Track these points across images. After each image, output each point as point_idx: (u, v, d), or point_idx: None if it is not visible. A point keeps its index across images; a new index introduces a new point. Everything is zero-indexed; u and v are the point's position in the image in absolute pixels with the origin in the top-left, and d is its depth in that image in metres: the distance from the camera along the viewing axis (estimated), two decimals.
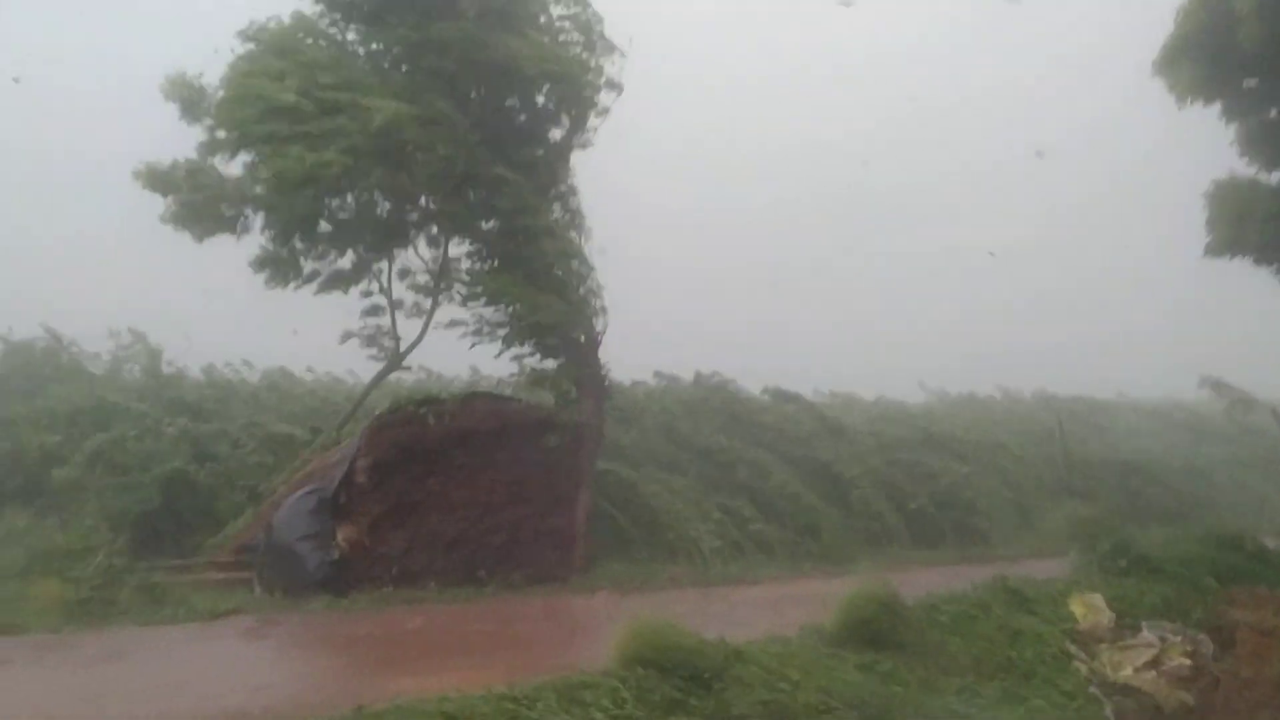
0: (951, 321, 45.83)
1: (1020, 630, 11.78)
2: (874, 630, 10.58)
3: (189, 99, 16.59)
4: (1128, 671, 11.10)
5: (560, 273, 16.21)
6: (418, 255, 18.12)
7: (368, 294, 18.19)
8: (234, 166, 16.74)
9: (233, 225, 16.84)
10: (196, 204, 16.67)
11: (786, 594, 14.47)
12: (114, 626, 12.21)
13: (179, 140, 16.77)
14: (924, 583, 12.90)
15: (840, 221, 49.30)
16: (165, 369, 19.65)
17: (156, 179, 16.61)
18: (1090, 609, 12.43)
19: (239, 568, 15.16)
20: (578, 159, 17.14)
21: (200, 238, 16.91)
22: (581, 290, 16.46)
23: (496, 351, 16.96)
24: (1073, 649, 11.52)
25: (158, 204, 16.90)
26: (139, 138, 17.65)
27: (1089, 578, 14.19)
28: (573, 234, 16.66)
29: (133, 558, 14.61)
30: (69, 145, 35.94)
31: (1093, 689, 10.73)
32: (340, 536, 14.62)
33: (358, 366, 21.58)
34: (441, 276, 17.96)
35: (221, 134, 15.70)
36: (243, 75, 15.11)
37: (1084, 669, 11.14)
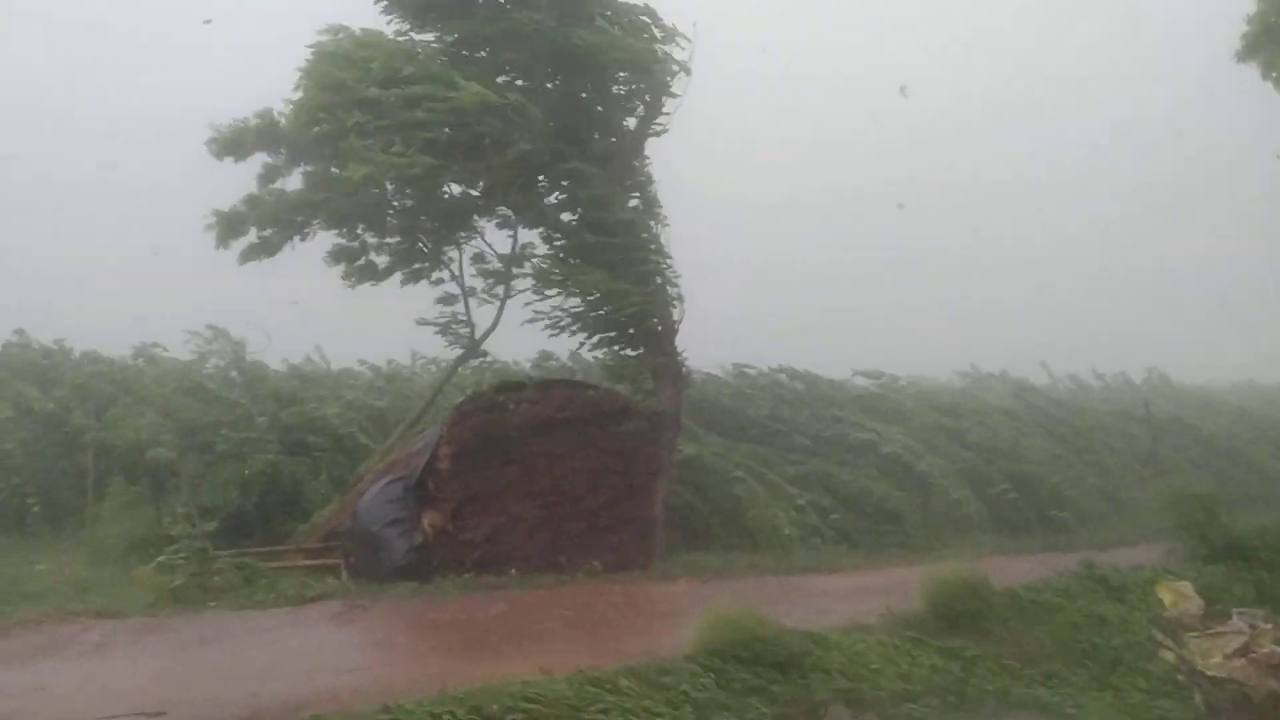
0: (1029, 304, 44.94)
1: (1106, 618, 11.63)
2: (958, 616, 10.53)
3: (234, 142, 17.14)
4: (1216, 659, 10.87)
5: (637, 262, 16.25)
6: (485, 243, 18.36)
7: (439, 282, 18.46)
8: (294, 180, 17.46)
9: (299, 230, 17.34)
10: (269, 239, 17.25)
11: (866, 582, 14.38)
12: (208, 611, 12.57)
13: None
14: (1008, 570, 12.78)
15: (911, 209, 48.43)
16: (249, 362, 20.09)
17: (226, 221, 17.20)
18: (1178, 596, 12.20)
19: (326, 554, 15.53)
20: (652, 147, 17.15)
21: (272, 253, 17.52)
22: (658, 279, 16.49)
23: (576, 342, 17.14)
24: (1160, 637, 11.33)
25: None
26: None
27: (1177, 564, 13.93)
28: (650, 223, 16.69)
29: (225, 544, 15.08)
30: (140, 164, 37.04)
31: (1180, 677, 10.55)
32: (425, 522, 14.88)
33: (432, 353, 21.86)
34: (514, 263, 18.13)
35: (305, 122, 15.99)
36: (323, 70, 15.35)
37: (1171, 657, 10.95)
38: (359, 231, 17.79)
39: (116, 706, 8.47)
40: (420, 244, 18.02)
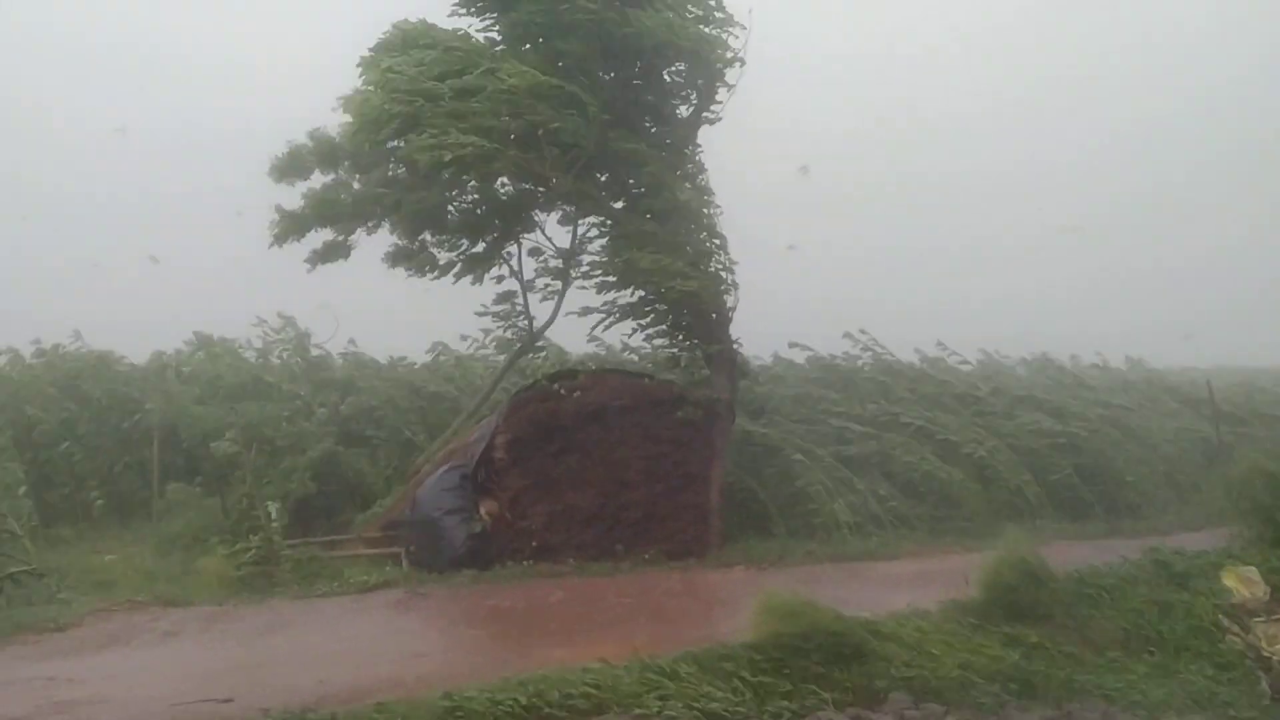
0: (1080, 291, 44.20)
1: (1171, 604, 11.46)
2: (1019, 602, 10.43)
3: (294, 165, 17.43)
4: None
5: (691, 248, 16.24)
6: (545, 236, 18.43)
7: (500, 279, 18.59)
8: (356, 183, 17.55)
9: (364, 223, 17.54)
10: (338, 242, 17.47)
11: (925, 569, 14.29)
12: (273, 599, 12.82)
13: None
14: (1069, 556, 12.64)
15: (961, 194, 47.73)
16: (312, 352, 20.34)
17: (290, 223, 17.43)
18: (1244, 582, 11.99)
19: (387, 543, 15.74)
20: (706, 135, 17.11)
21: (346, 255, 17.76)
22: (712, 265, 16.46)
23: (629, 331, 17.16)
24: (1226, 623, 11.16)
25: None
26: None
27: (1243, 549, 13.69)
28: (703, 210, 16.66)
29: (288, 534, 15.34)
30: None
31: (1248, 662, 10.40)
32: (483, 511, 15.03)
33: (493, 347, 21.98)
34: (572, 256, 18.21)
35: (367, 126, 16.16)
36: (383, 66, 15.50)
37: (1238, 643, 10.79)
38: (422, 236, 17.92)
39: (187, 693, 8.63)
40: (481, 240, 18.13)
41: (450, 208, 17.67)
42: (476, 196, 17.66)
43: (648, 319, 16.76)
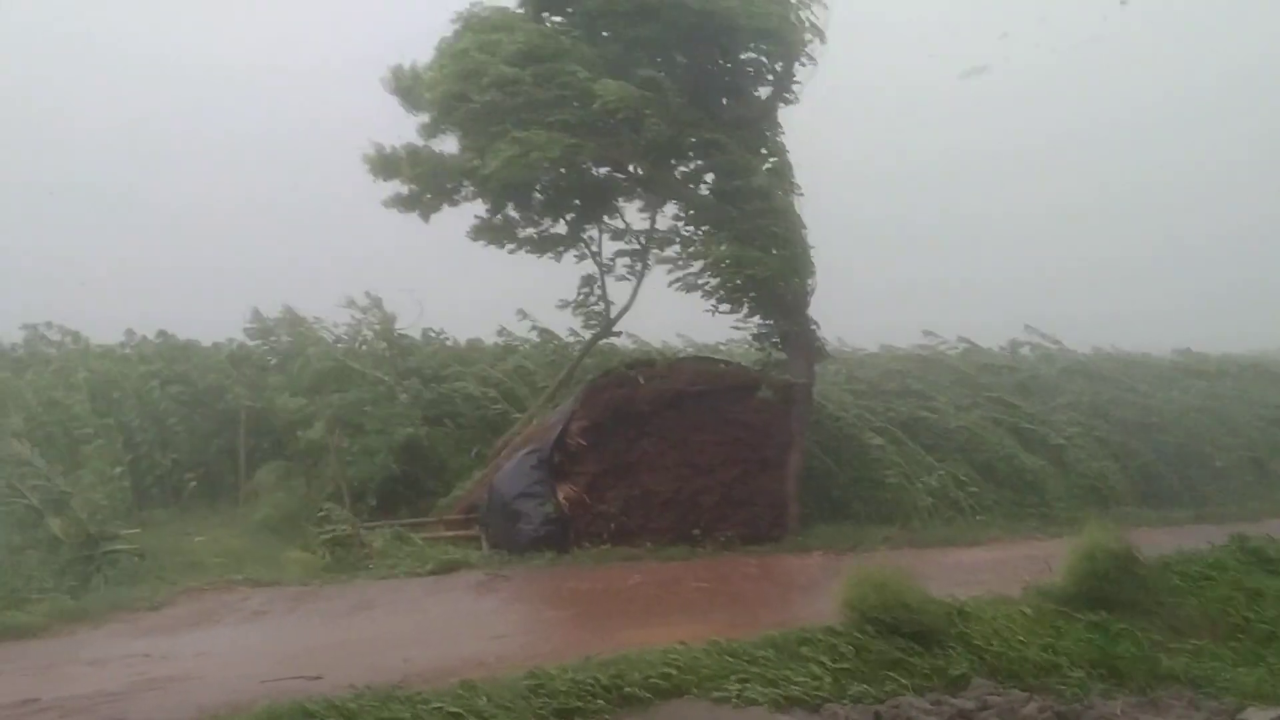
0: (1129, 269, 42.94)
1: (1260, 590, 11.23)
2: (1105, 589, 10.29)
3: (409, 89, 17.31)
4: None
5: (770, 231, 16.14)
6: (624, 221, 18.45)
7: (581, 258, 18.66)
8: (449, 144, 17.52)
9: (451, 197, 17.58)
10: (418, 191, 17.55)
11: (1007, 555, 14.14)
12: (358, 580, 13.07)
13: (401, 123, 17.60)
14: (1153, 542, 12.41)
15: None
16: (397, 335, 20.59)
17: (381, 163, 17.48)
18: None
19: (467, 526, 15.96)
20: (785, 115, 17.02)
21: (425, 217, 17.77)
22: (791, 247, 16.36)
23: (707, 311, 17.09)
24: None
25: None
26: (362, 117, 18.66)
27: None
28: (780, 191, 16.56)
29: (373, 516, 15.64)
30: (297, 127, 38.33)
31: None
32: (560, 495, 15.16)
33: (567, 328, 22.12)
34: (651, 241, 18.23)
35: (436, 112, 16.29)
36: (458, 50, 15.64)
37: None
38: (508, 210, 18.03)
39: (277, 670, 8.85)
40: (562, 218, 18.22)
41: (536, 189, 17.69)
42: (558, 183, 17.69)
43: (725, 299, 16.69)
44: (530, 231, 18.18)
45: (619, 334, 20.35)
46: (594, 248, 18.65)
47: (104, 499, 14.67)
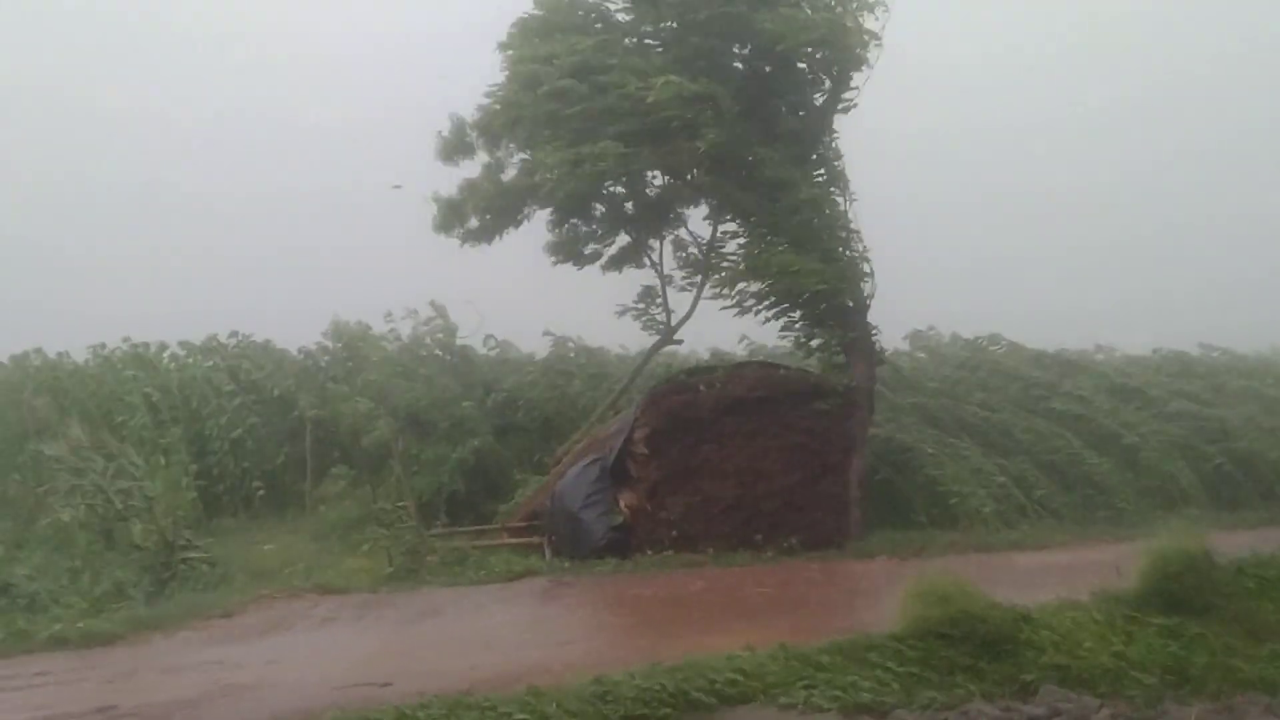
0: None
1: None
2: (1178, 592, 10.09)
3: (455, 146, 17.75)
4: None
5: (824, 239, 16.13)
6: (689, 233, 18.53)
7: (641, 269, 18.79)
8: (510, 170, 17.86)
9: (514, 218, 17.86)
10: (489, 222, 17.84)
11: (1075, 560, 13.97)
12: (424, 587, 13.23)
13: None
14: (1226, 545, 12.15)
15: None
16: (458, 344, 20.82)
17: (447, 211, 17.87)
18: None
19: (530, 533, 16.09)
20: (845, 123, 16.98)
21: (492, 241, 18.09)
22: (847, 254, 16.32)
23: (763, 321, 17.13)
24: None
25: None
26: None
27: None
28: (837, 199, 16.52)
29: (437, 523, 15.80)
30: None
31: None
32: (622, 503, 15.23)
33: (631, 339, 22.17)
34: (711, 252, 18.27)
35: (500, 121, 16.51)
36: (515, 61, 15.82)
37: None
38: (572, 221, 18.20)
39: (347, 677, 9.00)
40: (626, 232, 18.33)
41: (598, 201, 17.84)
42: (624, 189, 17.82)
43: (782, 309, 16.69)
44: (595, 247, 18.34)
45: (680, 342, 20.43)
46: (655, 258, 18.74)
47: (178, 506, 14.96)
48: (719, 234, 18.23)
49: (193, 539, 14.32)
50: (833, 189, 16.57)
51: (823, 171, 16.69)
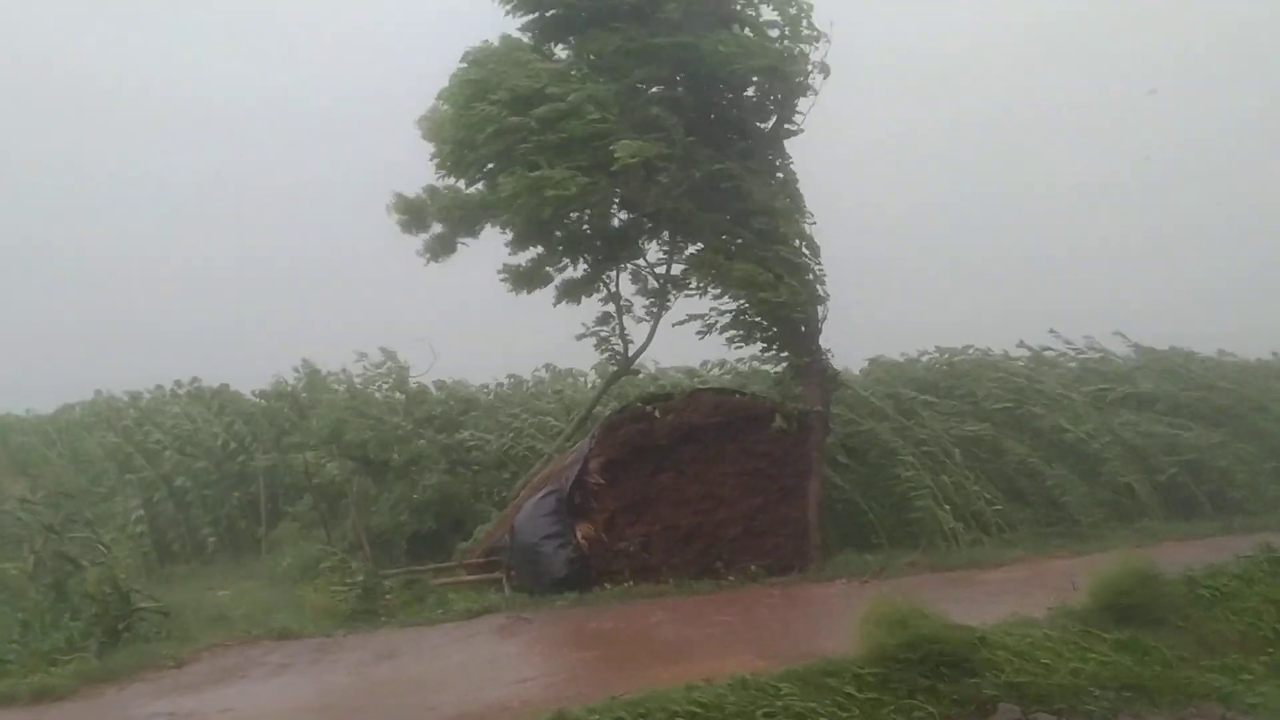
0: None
1: None
2: (1130, 607, 10.20)
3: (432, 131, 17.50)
4: None
5: (782, 258, 16.14)
6: (645, 261, 18.53)
7: (603, 301, 18.74)
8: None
9: (472, 227, 17.74)
10: (446, 233, 17.73)
11: (1032, 575, 14.06)
12: (381, 629, 13.09)
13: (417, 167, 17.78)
14: (1180, 557, 12.35)
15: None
16: (412, 385, 20.67)
17: (408, 210, 17.70)
18: None
19: (489, 569, 15.95)
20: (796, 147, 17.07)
21: (454, 250, 17.97)
22: (805, 275, 16.37)
23: (723, 344, 17.12)
24: None
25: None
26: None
27: None
28: (795, 219, 16.57)
29: (398, 563, 15.65)
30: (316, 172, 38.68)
31: None
32: (579, 534, 15.15)
33: (586, 362, 22.12)
34: (670, 281, 18.28)
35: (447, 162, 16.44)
36: (465, 101, 15.76)
37: None
38: (532, 250, 18.14)
39: None
40: (584, 262, 18.32)
41: (558, 229, 17.79)
42: (578, 225, 17.79)
43: (739, 332, 16.72)
44: (556, 279, 18.31)
45: (637, 373, 20.40)
46: (612, 288, 18.74)
47: (130, 555, 14.74)
48: (677, 258, 18.21)
49: (145, 588, 14.07)
50: (791, 208, 16.60)
51: (782, 193, 16.72)
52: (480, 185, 16.77)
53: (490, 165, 15.86)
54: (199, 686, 10.95)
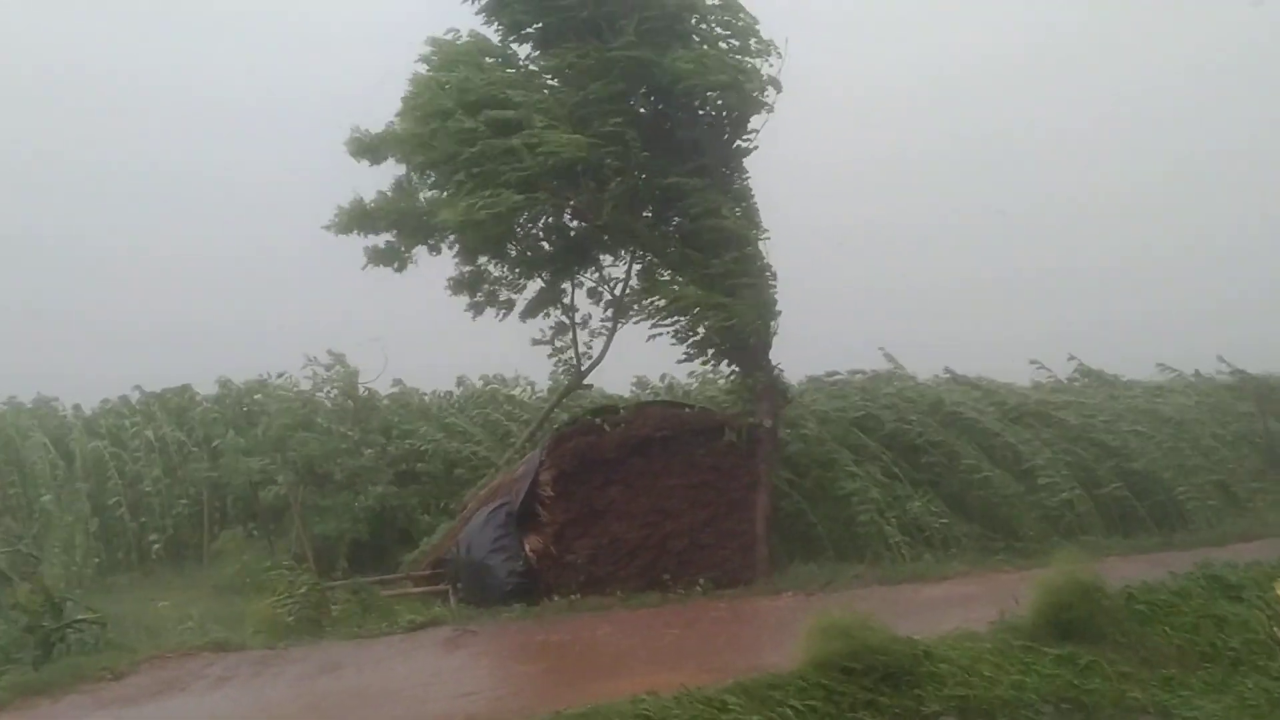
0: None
1: (1225, 617, 11.24)
2: (1071, 622, 10.30)
3: (374, 148, 17.43)
4: None
5: (735, 275, 16.17)
6: (603, 276, 18.55)
7: (557, 317, 18.74)
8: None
9: (425, 238, 17.66)
10: (395, 243, 17.63)
11: (975, 589, 14.15)
12: (324, 641, 12.92)
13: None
14: (1121, 571, 12.48)
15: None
16: (361, 391, 20.49)
17: (358, 217, 17.57)
18: None
19: (435, 581, 15.86)
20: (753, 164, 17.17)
21: (401, 269, 17.85)
22: (756, 293, 16.43)
23: (677, 359, 17.17)
24: None
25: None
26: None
27: None
28: (749, 235, 16.64)
29: (343, 574, 15.49)
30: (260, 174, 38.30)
31: None
32: (528, 547, 15.10)
33: (540, 372, 22.06)
34: (624, 293, 18.31)
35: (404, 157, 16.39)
36: (419, 98, 15.71)
37: None
38: (481, 262, 18.07)
39: None
40: (539, 276, 18.28)
41: (511, 244, 17.75)
42: (532, 238, 17.77)
43: (690, 347, 16.76)
44: (509, 295, 18.27)
45: (589, 387, 20.39)
46: (566, 300, 18.73)
47: (69, 565, 14.48)
48: (632, 275, 18.25)
49: (85, 598, 13.82)
50: (747, 224, 16.67)
51: (739, 207, 16.79)
52: (430, 190, 16.80)
53: (441, 166, 15.82)
54: (137, 699, 10.77)
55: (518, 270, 18.24)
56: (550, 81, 16.43)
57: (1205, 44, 44.08)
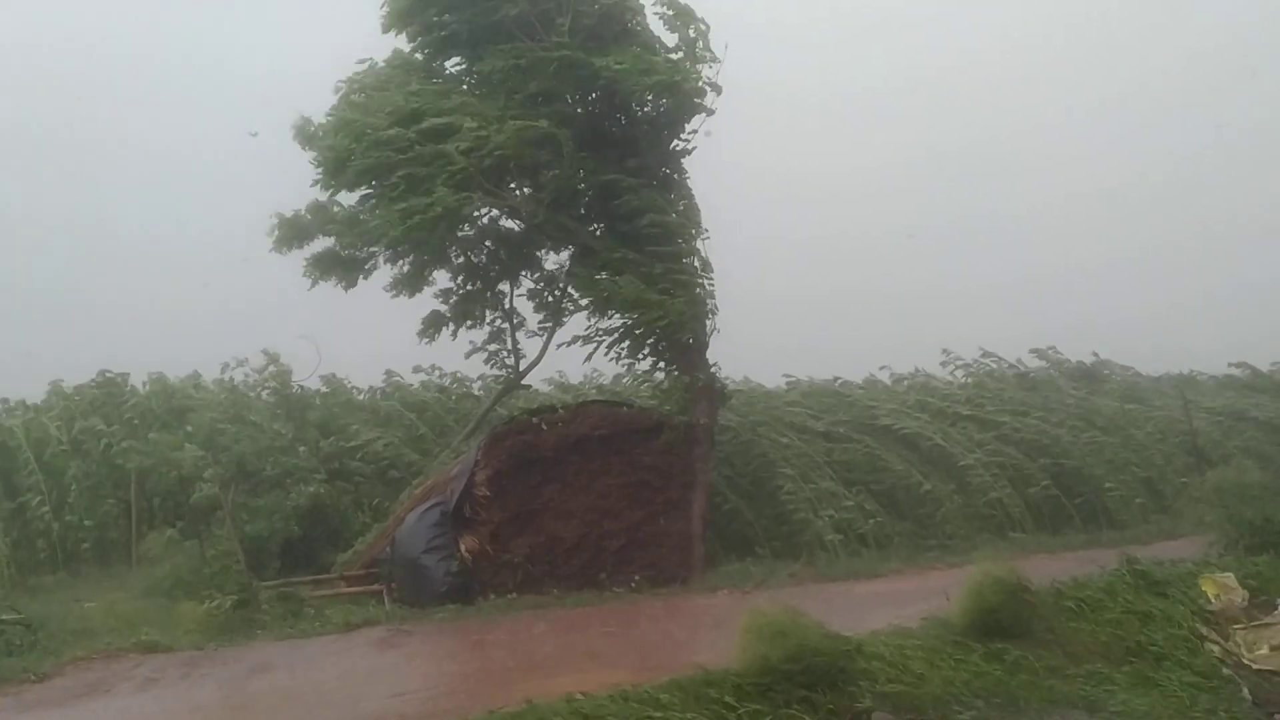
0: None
1: (1150, 613, 11.48)
2: (1000, 619, 10.45)
3: (313, 136, 17.21)
4: (1263, 651, 10.76)
5: (672, 274, 16.23)
6: (541, 277, 18.49)
7: (493, 321, 18.68)
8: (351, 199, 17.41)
9: (363, 266, 17.59)
10: (331, 253, 17.46)
11: (908, 587, 14.32)
12: (255, 642, 12.74)
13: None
14: (1049, 569, 12.68)
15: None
16: (294, 389, 20.19)
17: (291, 231, 17.37)
18: (1222, 588, 12.07)
19: (369, 581, 15.71)
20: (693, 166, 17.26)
21: (346, 288, 17.72)
22: (693, 293, 16.49)
23: (613, 359, 17.21)
24: (1204, 630, 11.21)
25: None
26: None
27: (1220, 556, 13.82)
28: (687, 234, 16.69)
29: (274, 575, 15.27)
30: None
31: (1226, 670, 10.45)
32: (463, 547, 15.01)
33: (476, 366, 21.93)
34: (563, 295, 18.28)
35: (328, 171, 16.22)
36: (343, 112, 15.60)
37: (1217, 650, 10.84)
38: (424, 267, 17.96)
39: None
40: (477, 281, 18.18)
41: (450, 250, 17.64)
42: (469, 242, 17.69)
43: (627, 346, 16.79)
44: (446, 306, 18.16)
45: (528, 387, 20.33)
46: (505, 304, 18.67)
47: None
48: (567, 274, 18.21)
49: (8, 599, 13.51)
50: (685, 224, 16.71)
51: (678, 207, 16.83)
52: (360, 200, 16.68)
53: (371, 180, 15.71)
54: (61, 702, 10.55)
55: (461, 278, 18.18)
56: (479, 86, 16.36)
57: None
